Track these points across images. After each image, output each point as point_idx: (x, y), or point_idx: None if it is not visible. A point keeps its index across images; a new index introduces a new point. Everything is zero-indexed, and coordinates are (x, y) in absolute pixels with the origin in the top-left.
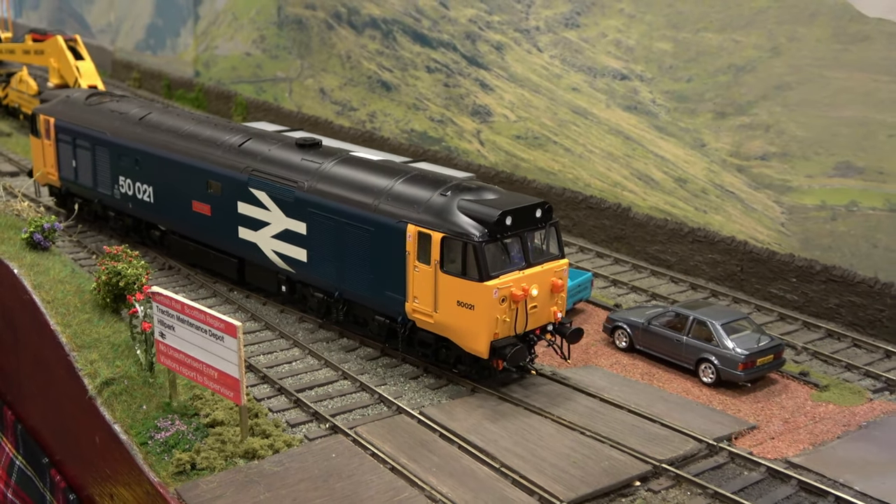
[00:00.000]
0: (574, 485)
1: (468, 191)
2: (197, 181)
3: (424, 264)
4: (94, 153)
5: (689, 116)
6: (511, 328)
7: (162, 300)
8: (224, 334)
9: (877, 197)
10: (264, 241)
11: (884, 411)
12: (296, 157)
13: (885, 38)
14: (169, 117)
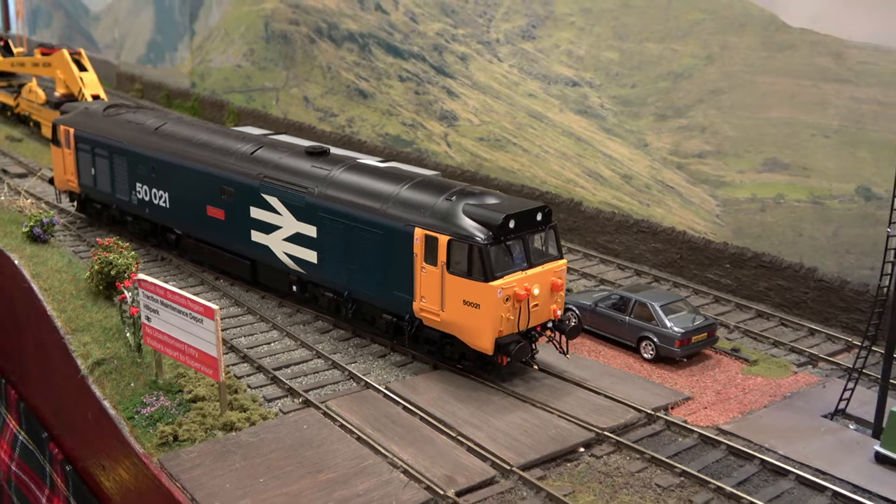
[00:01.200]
0: (524, 451)
1: (471, 195)
2: (211, 187)
3: (431, 265)
4: (112, 161)
5: (634, 119)
6: (514, 326)
7: (147, 286)
8: (203, 317)
9: (801, 190)
10: (276, 244)
11: (806, 383)
12: (305, 164)
13: (808, 46)
14: (183, 127)
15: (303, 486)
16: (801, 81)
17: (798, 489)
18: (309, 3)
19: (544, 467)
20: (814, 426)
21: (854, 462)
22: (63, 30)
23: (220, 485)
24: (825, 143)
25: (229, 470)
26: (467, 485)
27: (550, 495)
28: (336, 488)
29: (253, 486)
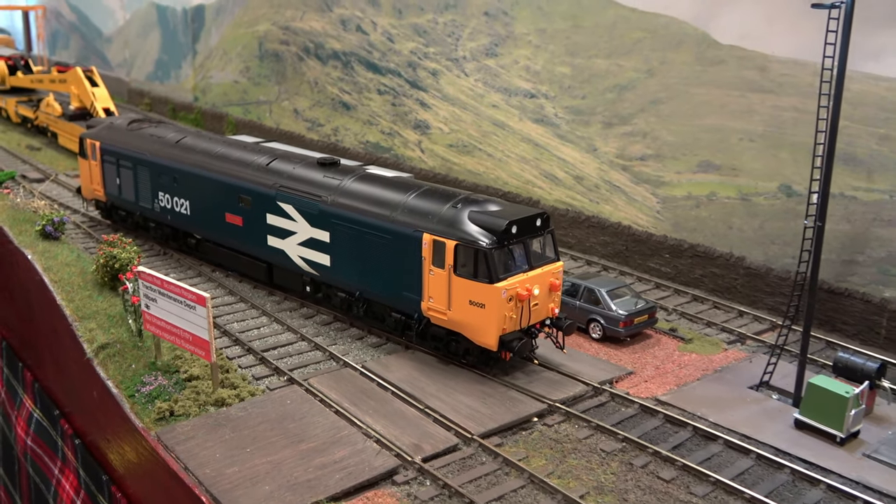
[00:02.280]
0: (484, 421)
1: (475, 203)
2: (230, 196)
3: (439, 268)
4: (136, 172)
5: (584, 126)
6: (517, 324)
7: (146, 277)
8: (196, 304)
9: (731, 188)
10: (291, 248)
11: (735, 359)
12: (318, 174)
13: (736, 61)
14: (201, 140)
15: (285, 455)
16: (730, 92)
17: (726, 452)
18: (297, 25)
19: (502, 435)
20: (741, 396)
21: (776, 428)
22: (80, 50)
23: (210, 454)
24: (751, 147)
25: (219, 441)
26: (433, 452)
27: (506, 460)
28: (315, 456)
29: (240, 455)
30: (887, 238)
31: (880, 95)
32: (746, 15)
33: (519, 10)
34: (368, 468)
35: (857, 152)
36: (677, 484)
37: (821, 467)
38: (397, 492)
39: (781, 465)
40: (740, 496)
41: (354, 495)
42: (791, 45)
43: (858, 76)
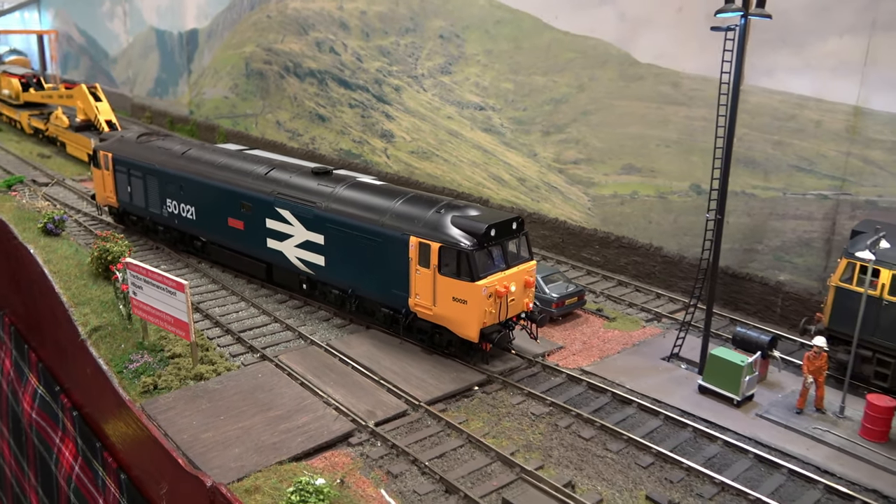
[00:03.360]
0: (430, 390)
1: (457, 208)
2: (232, 202)
3: (425, 268)
4: (146, 181)
5: (525, 135)
6: (496, 317)
7: (134, 268)
8: (176, 290)
9: (650, 188)
10: (289, 250)
11: (651, 334)
12: (312, 182)
13: (653, 77)
14: (205, 152)
15: (255, 422)
16: (649, 104)
17: (639, 414)
18: (279, 47)
19: (446, 402)
20: (654, 366)
21: (682, 393)
22: (88, 70)
23: (188, 422)
24: (667, 152)
25: (197, 411)
26: (384, 417)
27: (449, 423)
28: (281, 422)
29: (215, 422)
30: (781, 229)
31: (774, 107)
32: (662, 38)
33: (469, 33)
34: (327, 432)
35: (755, 156)
36: (595, 442)
37: (719, 426)
38: (352, 452)
39: (685, 425)
40: (648, 451)
41: (314, 455)
42: (699, 63)
43: (756, 90)
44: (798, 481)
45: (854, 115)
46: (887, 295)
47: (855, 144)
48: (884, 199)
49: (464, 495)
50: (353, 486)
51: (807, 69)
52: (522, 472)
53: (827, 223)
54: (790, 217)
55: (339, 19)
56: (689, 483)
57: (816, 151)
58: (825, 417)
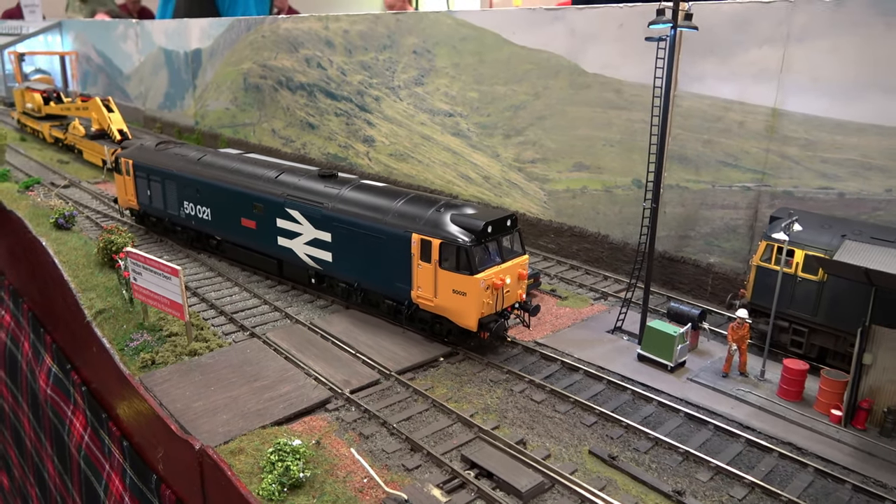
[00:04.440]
0: (401, 361)
1: (455, 207)
2: (245, 204)
3: (426, 262)
4: (164, 185)
5: (489, 138)
6: (493, 308)
7: (134, 256)
8: (171, 275)
9: (597, 183)
10: (298, 247)
11: (598, 311)
12: (319, 185)
13: (599, 85)
14: (219, 158)
15: (242, 391)
16: (595, 109)
17: (584, 380)
18: (273, 63)
19: (414, 372)
20: (599, 338)
21: (623, 360)
22: (106, 87)
23: (182, 393)
24: (612, 151)
25: (190, 383)
26: (359, 385)
27: (416, 390)
28: (265, 392)
29: (205, 392)
30: (711, 218)
31: (703, 110)
32: (606, 50)
33: (439, 48)
34: (307, 399)
35: (687, 153)
36: (545, 404)
37: (655, 389)
38: (328, 416)
39: (625, 388)
40: (592, 412)
41: (294, 420)
42: (638, 72)
43: (688, 95)
44: (723, 436)
45: (772, 116)
46: (801, 272)
47: (773, 142)
48: (799, 189)
49: (427, 453)
50: (328, 446)
51: (731, 76)
52: (480, 431)
53: (750, 212)
54: (718, 207)
55: (325, 38)
56: (628, 439)
57: (740, 148)
58: (748, 380)
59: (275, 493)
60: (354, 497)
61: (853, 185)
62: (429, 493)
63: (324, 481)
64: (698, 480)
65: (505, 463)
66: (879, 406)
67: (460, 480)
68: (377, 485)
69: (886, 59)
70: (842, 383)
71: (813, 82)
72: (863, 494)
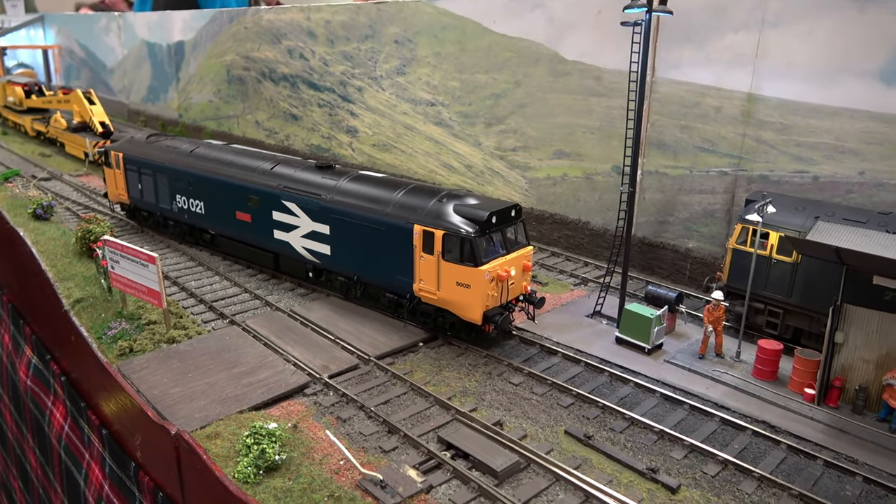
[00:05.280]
0: (380, 347)
1: (457, 197)
2: (239, 196)
3: (429, 255)
4: (156, 178)
5: (471, 126)
6: (497, 300)
7: (112, 244)
8: (148, 262)
9: (578, 170)
10: (295, 240)
11: (578, 296)
12: (316, 176)
13: (578, 73)
14: (212, 150)
15: (220, 377)
16: (575, 96)
17: (563, 362)
18: (255, 55)
19: (394, 357)
20: (579, 323)
21: (602, 344)
22: (89, 81)
23: (159, 380)
24: (591, 138)
25: (168, 370)
26: (337, 370)
27: (394, 374)
28: (244, 377)
29: (183, 379)
30: (689, 203)
31: (681, 96)
32: (585, 38)
33: (420, 38)
34: (285, 384)
35: (665, 139)
36: (523, 386)
37: (632, 370)
38: (306, 401)
39: (602, 370)
40: (569, 393)
41: (272, 405)
42: (616, 59)
43: (665, 82)
44: (698, 415)
45: (748, 101)
46: (775, 254)
47: (749, 126)
48: (774, 173)
49: (404, 435)
50: (305, 430)
51: (708, 62)
52: (457, 413)
53: (727, 196)
54: (696, 192)
55: (307, 28)
56: (604, 419)
57: (717, 134)
58: (724, 361)
59: (250, 475)
60: (330, 478)
61: (827, 168)
62: (404, 473)
63: (300, 464)
64: (672, 458)
65: (481, 444)
66: (851, 384)
67: (436, 461)
68: (353, 466)
69: (859, 44)
70: (815, 362)
71: (787, 67)
72: (834, 470)
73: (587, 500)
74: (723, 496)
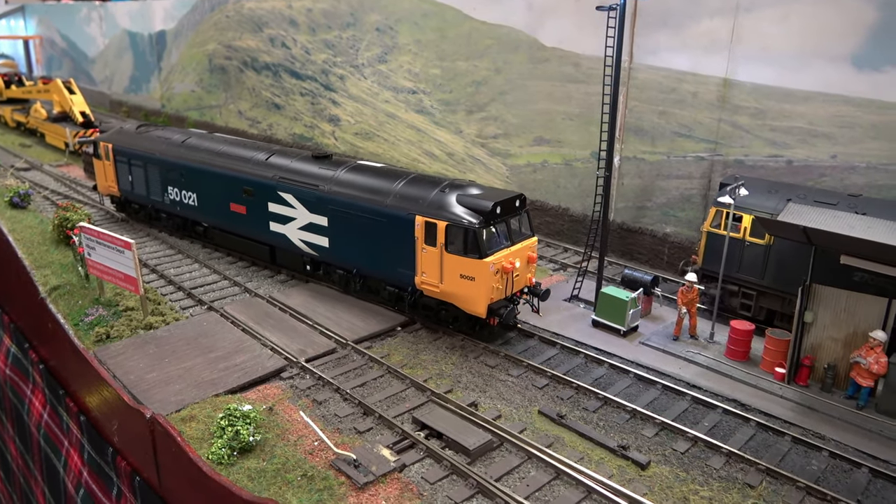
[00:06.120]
0: (358, 331)
1: (460, 187)
2: (234, 188)
3: (431, 246)
4: (147, 170)
5: (452, 114)
6: (502, 293)
7: (88, 231)
8: (124, 248)
9: (557, 157)
10: (292, 232)
11: (557, 280)
12: (313, 166)
13: (557, 59)
14: (204, 140)
15: (196, 362)
16: (555, 83)
17: (539, 345)
18: (237, 44)
19: (372, 341)
20: (557, 307)
21: (578, 326)
22: (71, 71)
23: (135, 365)
24: (571, 124)
25: (144, 355)
26: (314, 354)
27: (371, 357)
28: (220, 362)
29: (159, 364)
30: (666, 188)
31: (658, 81)
32: (564, 24)
33: (401, 25)
34: (262, 368)
35: (643, 125)
36: (499, 369)
37: (607, 352)
38: (283, 384)
39: (578, 352)
40: (544, 374)
41: (249, 389)
42: (595, 45)
43: (643, 68)
44: (670, 394)
45: (723, 86)
46: (749, 237)
47: (725, 111)
48: (749, 158)
49: (379, 416)
50: (281, 412)
51: (684, 48)
52: (433, 395)
53: (704, 181)
54: (674, 177)
55: (288, 17)
56: (578, 399)
57: (694, 119)
58: (698, 343)
59: (224, 456)
60: (304, 459)
61: (800, 152)
62: (378, 453)
63: (274, 445)
64: (643, 436)
65: (455, 424)
66: (820, 362)
67: (410, 441)
68: (327, 447)
69: (831, 28)
70: (785, 342)
71: (762, 52)
72: (801, 445)
73: (558, 477)
74: (691, 472)
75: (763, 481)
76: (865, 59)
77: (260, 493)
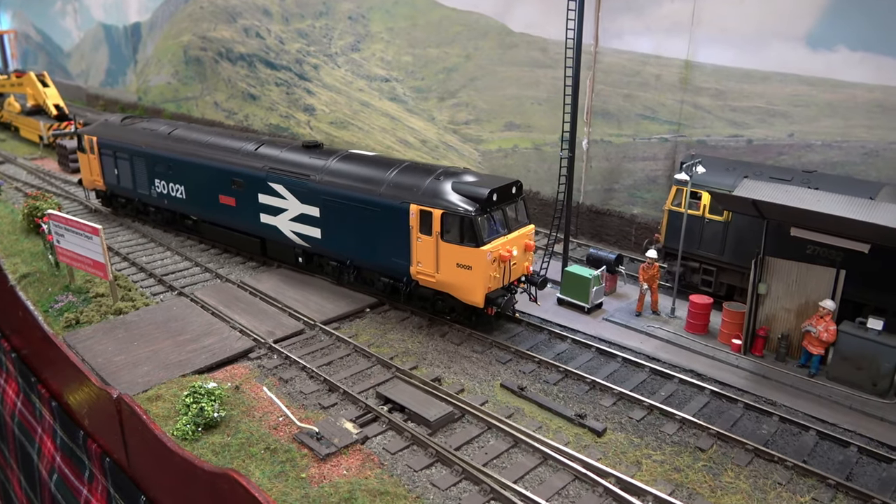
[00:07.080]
0: (326, 313)
1: (455, 175)
2: (223, 179)
3: (426, 235)
4: (133, 162)
5: (424, 101)
6: (499, 282)
7: (56, 218)
8: (92, 234)
9: (527, 142)
10: (283, 224)
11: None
12: (304, 156)
13: (525, 45)
14: (191, 132)
15: (164, 345)
16: (523, 69)
17: (504, 323)
18: (212, 34)
19: (340, 322)
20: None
21: (544, 305)
22: (46, 65)
23: (104, 349)
24: (539, 109)
25: (113, 339)
26: (282, 335)
27: (339, 338)
28: (189, 344)
29: (128, 347)
30: (633, 170)
31: (623, 65)
32: (530, 9)
33: (373, 13)
34: (230, 349)
35: (609, 108)
36: (465, 346)
37: (571, 328)
38: (250, 364)
39: (542, 329)
40: (508, 350)
41: (217, 369)
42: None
43: (608, 51)
44: (630, 367)
45: (685, 68)
46: (708, 214)
47: (687, 93)
48: (711, 138)
49: (343, 392)
50: (247, 391)
51: (647, 31)
52: (398, 371)
53: (668, 162)
54: (640, 159)
55: (262, 6)
56: (539, 373)
57: (657, 101)
58: (659, 318)
59: (189, 432)
60: (268, 433)
61: (760, 131)
62: (341, 426)
63: (239, 421)
64: (601, 406)
65: (418, 397)
66: (775, 333)
67: (373, 415)
68: (291, 422)
69: (787, 9)
70: (741, 314)
71: (721, 33)
72: (753, 411)
73: (516, 445)
74: (645, 437)
75: (714, 445)
76: (819, 39)
77: (224, 466)
